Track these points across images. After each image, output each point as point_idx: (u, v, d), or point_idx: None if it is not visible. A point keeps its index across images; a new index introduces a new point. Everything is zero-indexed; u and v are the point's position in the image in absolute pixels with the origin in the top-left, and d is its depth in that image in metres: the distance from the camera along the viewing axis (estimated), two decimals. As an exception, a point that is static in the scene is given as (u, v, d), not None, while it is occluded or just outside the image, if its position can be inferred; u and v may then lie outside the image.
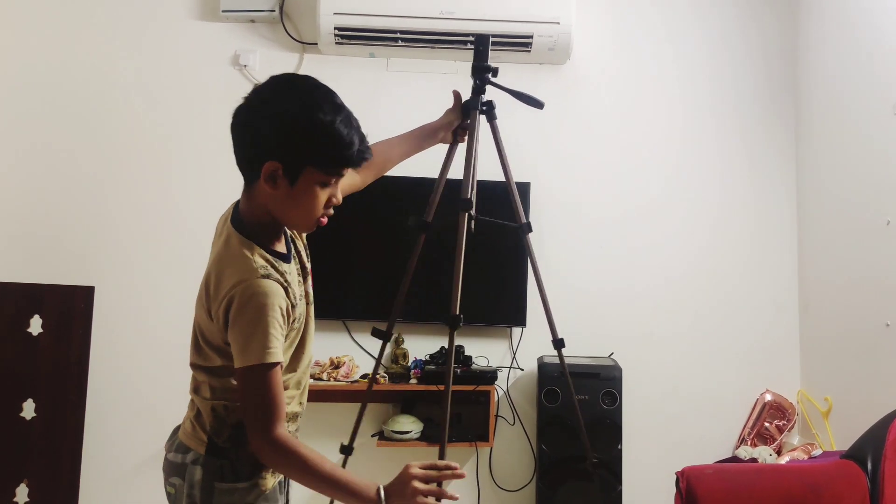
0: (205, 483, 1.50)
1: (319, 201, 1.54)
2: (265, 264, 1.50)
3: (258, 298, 1.44)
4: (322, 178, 1.52)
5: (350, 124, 1.53)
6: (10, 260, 3.59)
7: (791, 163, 3.89)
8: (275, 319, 1.44)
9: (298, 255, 1.69)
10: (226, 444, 1.53)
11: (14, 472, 3.21)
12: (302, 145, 1.49)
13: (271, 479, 1.56)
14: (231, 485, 1.51)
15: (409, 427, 3.48)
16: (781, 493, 2.46)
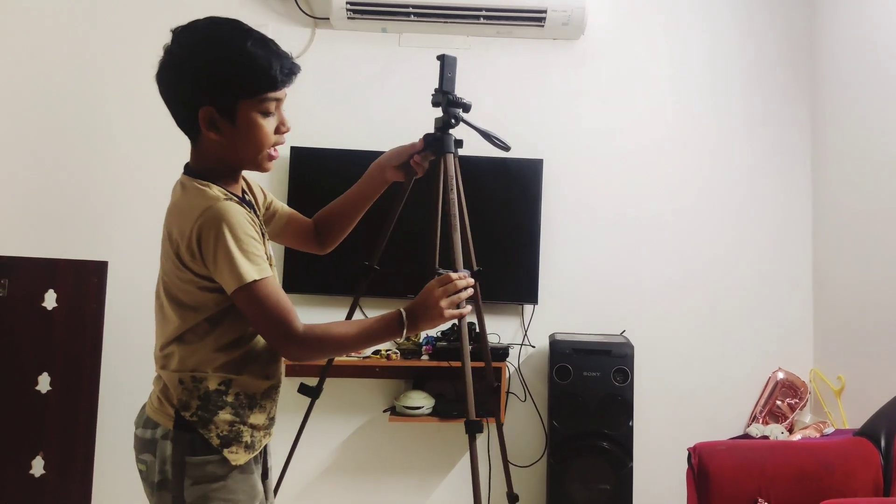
0: (176, 458, 1.47)
1: (266, 131, 1.52)
2: (226, 192, 1.51)
3: (228, 219, 1.43)
4: (259, 108, 1.50)
5: (265, 46, 1.49)
6: (24, 235, 3.61)
7: (807, 140, 3.85)
8: (249, 237, 1.44)
9: (255, 206, 1.68)
10: (193, 418, 1.48)
11: (30, 444, 3.24)
12: (224, 82, 1.48)
13: (243, 455, 1.52)
14: (202, 458, 1.47)
15: (421, 402, 3.49)
16: (794, 469, 2.46)
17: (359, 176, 3.73)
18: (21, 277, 3.26)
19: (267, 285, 1.45)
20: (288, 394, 1.96)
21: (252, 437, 1.54)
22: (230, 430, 1.50)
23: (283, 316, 1.45)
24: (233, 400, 1.51)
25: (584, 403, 3.40)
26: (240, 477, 1.51)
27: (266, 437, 1.60)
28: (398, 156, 1.94)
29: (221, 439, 1.49)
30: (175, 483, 1.46)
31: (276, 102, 1.52)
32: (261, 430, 1.57)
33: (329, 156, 3.66)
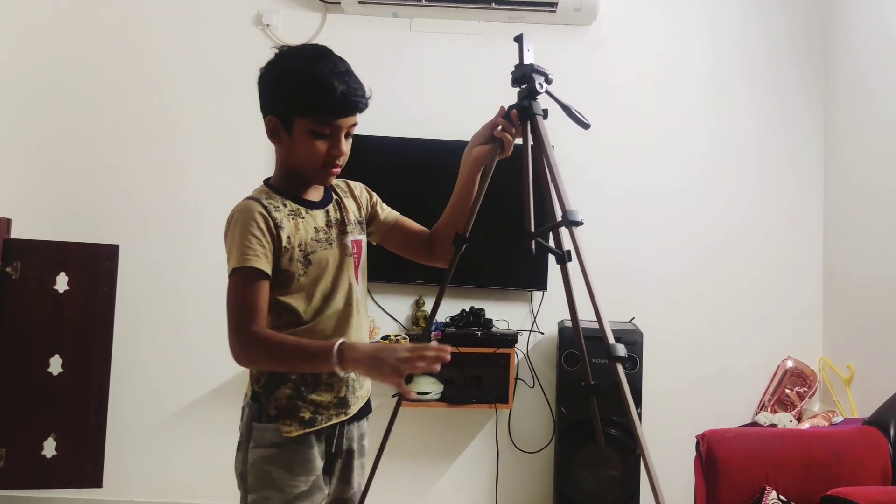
0: (248, 422, 1.66)
1: (317, 151, 1.62)
2: (259, 195, 1.65)
3: (236, 214, 1.60)
4: (312, 127, 1.60)
5: (335, 74, 1.60)
6: (36, 218, 3.62)
7: (820, 127, 3.83)
8: (249, 232, 1.56)
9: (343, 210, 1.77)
10: (259, 390, 1.65)
11: (42, 426, 3.26)
12: (286, 96, 1.61)
13: (297, 429, 1.62)
14: (264, 425, 1.63)
15: (430, 388, 3.50)
16: (802, 457, 2.46)
17: (370, 161, 3.75)
18: (33, 260, 3.28)
19: (242, 277, 1.55)
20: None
21: (314, 413, 1.64)
22: (287, 404, 1.63)
23: (244, 310, 1.54)
24: (297, 377, 1.63)
25: (592, 390, 3.40)
26: (294, 448, 1.63)
27: (335, 416, 1.68)
28: (479, 135, 1.92)
29: (279, 411, 1.63)
30: (244, 444, 1.66)
31: (332, 128, 1.61)
32: (327, 408, 1.67)
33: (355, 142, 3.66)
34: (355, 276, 1.75)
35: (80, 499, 3.61)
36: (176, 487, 3.63)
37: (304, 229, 1.65)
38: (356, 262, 1.76)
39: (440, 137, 3.69)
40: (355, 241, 1.77)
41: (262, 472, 1.62)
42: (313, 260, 1.65)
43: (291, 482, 1.62)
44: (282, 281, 1.62)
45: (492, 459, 3.70)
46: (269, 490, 1.62)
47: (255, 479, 1.63)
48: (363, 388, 1.78)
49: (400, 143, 3.72)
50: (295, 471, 1.63)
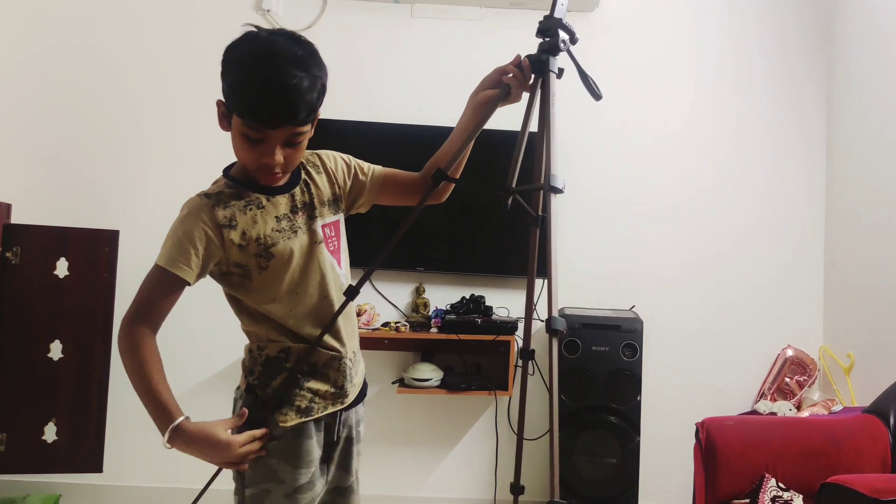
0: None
1: (248, 154, 1.52)
2: (216, 189, 1.59)
3: (184, 211, 1.56)
4: (242, 129, 1.49)
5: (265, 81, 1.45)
6: (37, 204, 3.62)
7: (822, 115, 3.82)
8: (177, 235, 1.52)
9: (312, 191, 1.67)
10: (255, 382, 1.62)
11: (42, 411, 3.26)
12: (228, 86, 1.52)
13: (294, 418, 1.59)
14: (260, 417, 1.58)
15: (429, 375, 3.50)
16: (802, 445, 2.47)
17: (370, 147, 3.72)
18: (33, 245, 3.27)
19: (156, 273, 1.53)
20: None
21: (311, 401, 1.61)
22: (284, 394, 1.59)
23: (141, 305, 1.53)
24: (292, 366, 1.60)
25: (592, 378, 3.41)
26: (294, 439, 1.59)
27: (332, 405, 1.65)
28: (488, 79, 1.80)
29: (275, 402, 1.59)
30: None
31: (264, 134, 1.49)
32: (324, 397, 1.63)
33: (340, 127, 3.65)
34: (336, 262, 1.68)
35: (81, 483, 3.62)
36: (176, 473, 3.63)
37: (262, 221, 1.57)
38: (332, 248, 1.68)
39: (441, 124, 3.67)
40: (328, 225, 1.68)
41: (262, 464, 1.58)
42: (275, 252, 1.57)
43: (293, 474, 1.59)
44: (239, 276, 1.57)
45: (491, 446, 3.71)
46: (269, 483, 1.58)
47: (255, 473, 1.59)
48: (358, 374, 1.73)
49: (400, 129, 3.70)
50: (296, 463, 1.59)
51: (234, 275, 1.58)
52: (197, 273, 1.54)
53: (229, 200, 1.57)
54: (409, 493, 3.71)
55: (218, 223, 1.54)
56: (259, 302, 1.59)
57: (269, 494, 1.58)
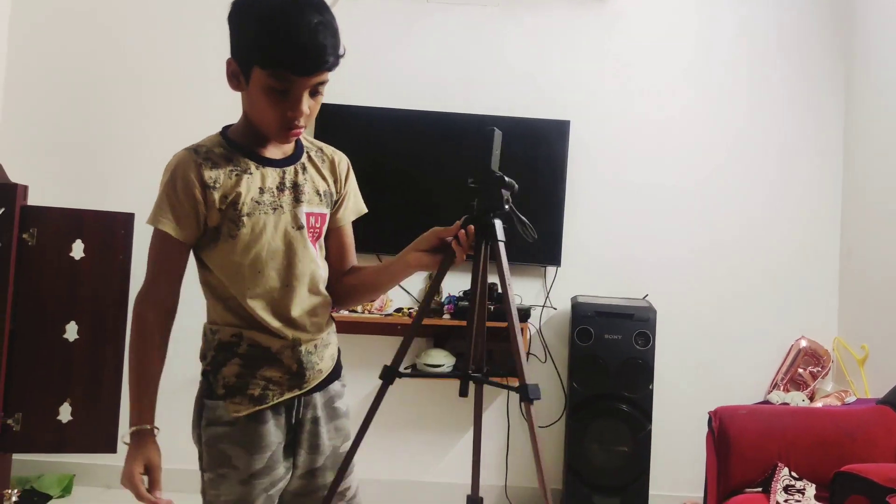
0: (198, 399, 1.62)
1: (272, 108, 1.48)
2: (207, 145, 1.57)
3: (170, 165, 1.55)
4: (269, 82, 1.44)
5: (300, 23, 1.40)
6: (53, 186, 3.64)
7: (840, 107, 3.79)
8: (170, 191, 1.51)
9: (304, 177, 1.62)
10: (208, 367, 1.60)
11: (58, 391, 3.28)
12: (247, 42, 1.47)
13: (246, 407, 1.56)
14: (215, 402, 1.58)
15: (442, 361, 3.51)
16: (815, 435, 2.46)
17: (383, 133, 3.72)
18: (50, 227, 3.28)
19: (157, 239, 1.54)
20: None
21: (265, 389, 1.56)
22: (237, 382, 1.56)
23: (148, 279, 1.56)
24: (244, 351, 1.56)
25: (604, 366, 3.41)
26: (249, 425, 1.56)
27: (288, 391, 1.59)
28: (425, 239, 1.68)
29: (226, 389, 1.56)
30: (196, 421, 1.61)
31: (292, 85, 1.45)
32: (279, 383, 1.58)
33: (355, 113, 3.65)
34: (316, 254, 1.62)
35: (95, 464, 3.65)
36: (189, 455, 3.65)
37: (245, 187, 1.53)
38: (313, 238, 1.62)
39: (455, 111, 3.67)
40: (314, 215, 1.62)
41: (217, 450, 1.57)
42: (247, 223, 1.52)
43: (247, 459, 1.56)
44: (210, 238, 1.54)
45: (503, 433, 3.72)
46: (224, 468, 1.56)
47: (210, 458, 1.58)
48: (324, 360, 1.65)
49: (414, 115, 3.69)
50: (250, 448, 1.56)
51: (207, 236, 1.55)
52: (186, 231, 1.52)
53: (218, 160, 1.54)
54: (420, 478, 3.73)
55: (203, 182, 1.51)
56: (222, 271, 1.55)
57: (224, 480, 1.57)
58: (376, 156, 3.62)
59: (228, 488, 1.57)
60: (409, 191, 3.68)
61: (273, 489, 1.61)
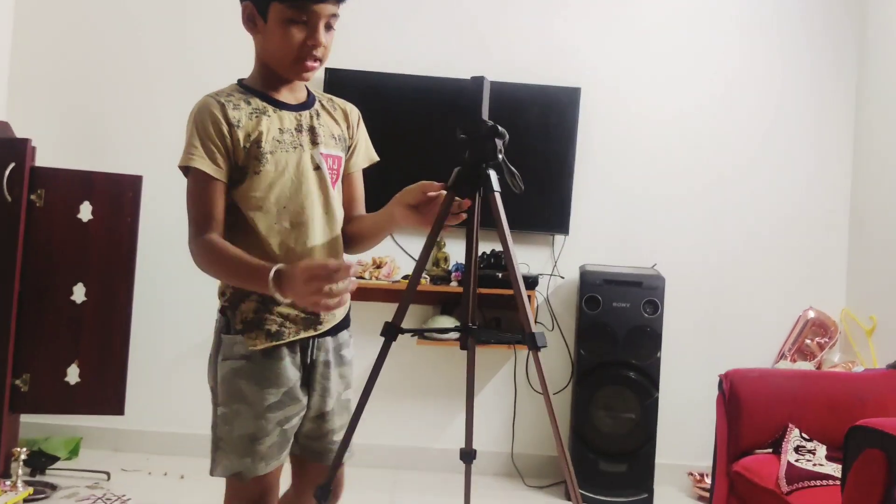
0: (217, 335, 1.65)
1: (292, 40, 1.55)
2: (226, 91, 1.63)
3: (193, 112, 1.59)
4: (287, 14, 1.53)
5: None
6: (62, 147, 3.62)
7: (851, 79, 3.76)
8: (200, 131, 1.55)
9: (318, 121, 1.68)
10: (226, 304, 1.63)
11: (66, 352, 3.29)
12: None
13: (263, 341, 1.59)
14: (232, 336, 1.61)
15: (449, 327, 3.51)
16: (826, 398, 2.47)
17: (392, 100, 3.68)
18: (58, 189, 3.27)
19: (194, 179, 1.56)
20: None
21: (282, 326, 1.60)
22: (254, 317, 1.59)
23: (196, 215, 1.56)
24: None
25: (612, 333, 3.41)
26: (264, 361, 1.60)
27: (304, 331, 1.63)
28: (411, 192, 1.68)
29: (244, 324, 1.60)
30: (213, 356, 1.65)
31: (309, 14, 1.54)
32: (295, 321, 1.62)
33: (365, 78, 3.63)
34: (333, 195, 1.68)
35: (102, 427, 3.66)
36: (196, 419, 3.64)
37: (266, 126, 1.59)
38: (333, 178, 1.68)
39: (462, 76, 3.64)
40: (331, 156, 1.68)
41: (232, 385, 1.60)
42: (270, 160, 1.58)
43: (260, 395, 1.59)
44: (236, 179, 1.59)
45: (510, 400, 3.72)
46: (238, 403, 1.59)
47: (225, 392, 1.61)
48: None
49: (422, 81, 3.66)
50: (264, 383, 1.59)
51: (234, 174, 1.59)
52: (221, 168, 1.56)
53: (238, 103, 1.60)
54: (428, 444, 3.73)
55: (229, 120, 1.57)
56: (246, 206, 1.59)
57: (237, 416, 1.60)
58: (383, 122, 3.58)
59: (241, 423, 1.60)
60: (416, 159, 3.65)
61: (287, 424, 1.64)
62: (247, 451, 1.60)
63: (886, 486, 1.72)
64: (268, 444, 1.61)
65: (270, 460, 1.63)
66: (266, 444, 1.61)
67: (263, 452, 1.61)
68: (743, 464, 2.40)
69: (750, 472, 2.34)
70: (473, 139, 1.66)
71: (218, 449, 1.63)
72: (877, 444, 1.76)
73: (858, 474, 1.80)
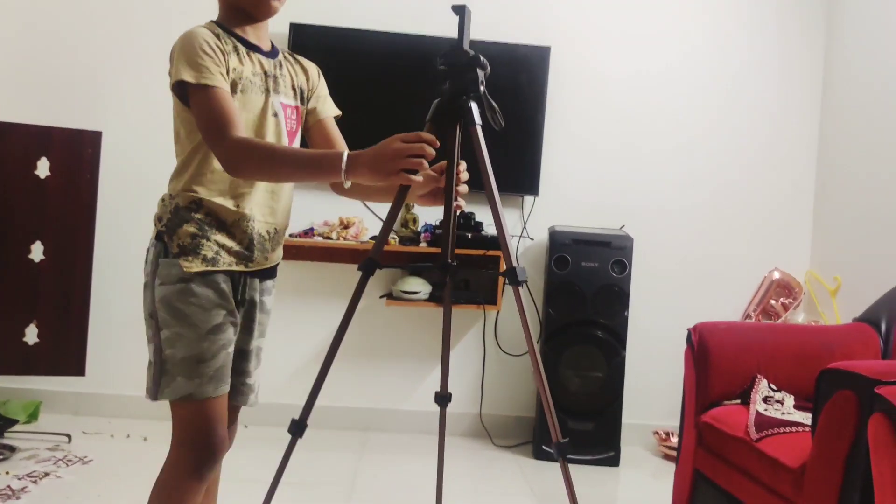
0: (153, 260, 1.63)
1: None
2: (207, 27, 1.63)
3: (184, 37, 1.58)
4: None
5: None
6: (18, 101, 3.51)
7: (819, 45, 3.78)
8: (202, 50, 1.54)
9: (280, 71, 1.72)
10: (163, 228, 1.63)
11: (23, 313, 3.19)
12: None
13: (199, 265, 1.59)
14: (169, 260, 1.60)
15: (418, 288, 3.48)
16: (794, 348, 2.49)
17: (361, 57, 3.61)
18: (14, 144, 3.17)
19: (206, 95, 1.53)
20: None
21: (217, 253, 1.61)
22: (191, 242, 1.60)
23: (218, 120, 1.52)
24: (201, 217, 1.61)
25: (580, 293, 3.41)
26: (201, 283, 1.60)
27: (236, 264, 1.65)
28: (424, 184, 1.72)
29: (180, 248, 1.60)
30: (151, 281, 1.63)
31: None
32: (229, 251, 1.63)
33: (332, 34, 3.56)
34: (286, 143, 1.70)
35: (62, 391, 3.58)
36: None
37: (244, 66, 1.63)
38: (290, 129, 1.72)
39: (436, 34, 3.59)
40: (289, 107, 1.72)
41: (173, 308, 1.59)
42: (242, 99, 1.61)
43: (203, 316, 1.59)
44: None
45: (478, 360, 3.71)
46: (181, 326, 1.58)
47: (167, 315, 1.59)
48: (275, 252, 1.74)
49: (388, 38, 3.61)
50: (206, 304, 1.59)
51: None
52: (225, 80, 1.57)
53: (224, 38, 1.63)
54: (396, 405, 3.71)
55: (222, 49, 1.59)
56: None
57: (181, 338, 1.58)
58: (348, 77, 3.53)
59: (187, 345, 1.58)
60: (383, 116, 3.60)
61: (230, 347, 1.65)
62: (194, 372, 1.57)
63: (857, 427, 1.74)
64: (214, 367, 1.59)
65: (219, 383, 1.60)
66: (212, 366, 1.59)
67: (211, 374, 1.58)
68: (712, 414, 2.41)
69: (719, 421, 2.35)
70: (453, 70, 1.63)
71: (164, 373, 1.59)
72: (848, 385, 1.77)
73: (830, 416, 1.82)
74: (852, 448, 1.76)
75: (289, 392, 3.60)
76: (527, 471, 3.28)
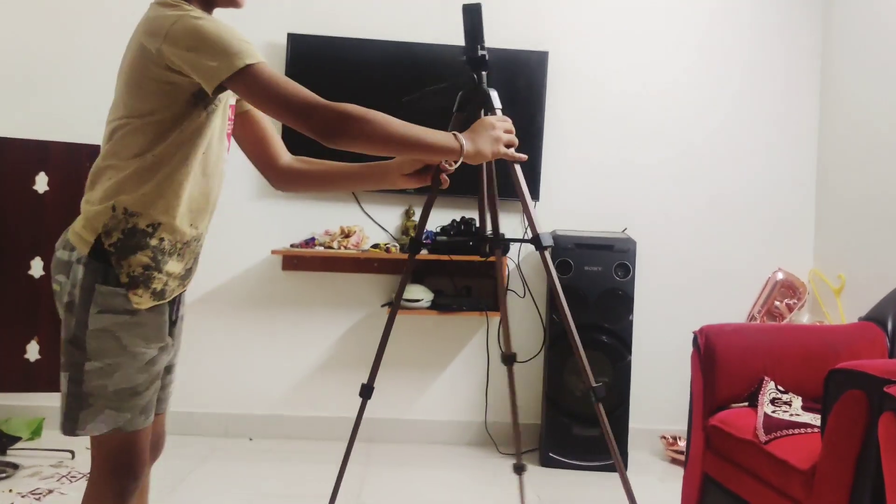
0: (86, 283, 1.46)
1: None
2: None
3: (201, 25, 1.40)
4: None
5: None
6: (16, 116, 3.50)
7: (817, 39, 3.77)
8: (229, 29, 1.41)
9: None
10: (110, 248, 1.47)
11: (24, 329, 3.18)
12: None
13: (148, 300, 1.51)
14: (112, 289, 1.46)
15: (420, 296, 3.46)
16: (801, 349, 2.46)
17: (357, 65, 3.60)
18: (12, 159, 3.16)
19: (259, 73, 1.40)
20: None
21: (165, 285, 1.53)
22: (142, 274, 1.48)
23: (296, 91, 1.41)
24: (156, 244, 1.49)
25: (584, 297, 3.40)
26: (148, 317, 1.52)
27: (180, 287, 1.60)
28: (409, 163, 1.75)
29: (130, 279, 1.47)
30: (81, 307, 1.46)
31: None
32: (176, 279, 1.56)
33: (330, 44, 3.54)
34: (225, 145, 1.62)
35: (65, 406, 3.55)
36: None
37: None
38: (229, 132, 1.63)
39: (436, 42, 3.58)
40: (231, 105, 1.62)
41: (112, 338, 1.46)
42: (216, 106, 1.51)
43: (144, 347, 1.50)
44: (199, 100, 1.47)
45: (482, 368, 3.69)
46: (118, 357, 1.47)
47: (101, 346, 1.46)
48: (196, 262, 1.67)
49: (387, 46, 3.60)
50: (150, 338, 1.52)
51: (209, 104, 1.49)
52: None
53: None
54: (400, 415, 3.69)
55: None
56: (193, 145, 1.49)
57: (118, 368, 1.47)
58: (346, 86, 3.52)
59: (123, 377, 1.48)
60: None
61: (160, 377, 1.60)
62: (126, 405, 1.48)
63: (867, 427, 1.72)
64: (146, 398, 1.53)
65: (149, 414, 1.54)
66: (145, 398, 1.52)
67: (143, 405, 1.52)
68: (719, 417, 2.39)
69: (727, 424, 2.33)
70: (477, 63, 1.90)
71: (87, 406, 1.47)
72: (857, 385, 1.75)
73: (839, 416, 1.80)
74: (862, 448, 1.74)
75: (291, 403, 3.58)
76: (533, 478, 3.25)
